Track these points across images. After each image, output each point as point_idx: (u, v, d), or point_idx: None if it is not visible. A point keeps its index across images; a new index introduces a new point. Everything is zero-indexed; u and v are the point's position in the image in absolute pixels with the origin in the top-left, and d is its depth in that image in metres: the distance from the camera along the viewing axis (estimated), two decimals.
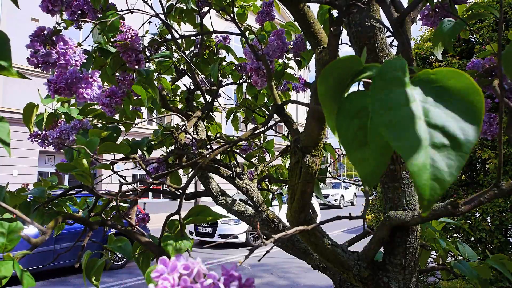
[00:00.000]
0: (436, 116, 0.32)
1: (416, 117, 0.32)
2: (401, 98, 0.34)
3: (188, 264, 0.42)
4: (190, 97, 1.91)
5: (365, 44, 0.93)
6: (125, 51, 1.32)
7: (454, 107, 0.33)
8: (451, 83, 0.34)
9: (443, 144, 0.31)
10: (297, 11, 0.84)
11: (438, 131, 0.32)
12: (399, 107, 0.33)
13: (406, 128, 0.32)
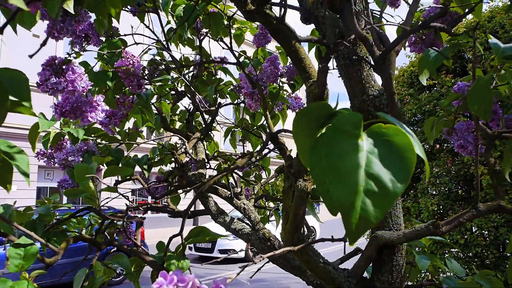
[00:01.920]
0: (375, 166, 0.40)
1: (359, 166, 0.39)
2: (349, 149, 0.41)
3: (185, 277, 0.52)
4: (189, 118, 1.98)
5: (352, 76, 1.01)
6: (127, 77, 1.40)
7: (392, 160, 0.40)
8: (396, 139, 0.42)
9: (374, 191, 0.38)
10: (289, 48, 0.92)
11: (373, 180, 0.39)
12: (345, 156, 0.40)
13: (347, 175, 0.39)
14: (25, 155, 0.72)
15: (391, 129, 0.45)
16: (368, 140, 0.44)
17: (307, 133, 0.53)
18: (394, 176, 0.41)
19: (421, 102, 5.04)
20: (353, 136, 0.44)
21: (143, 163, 2.00)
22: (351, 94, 1.03)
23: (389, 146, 0.43)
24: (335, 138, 0.45)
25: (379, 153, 0.42)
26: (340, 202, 0.41)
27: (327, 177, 0.43)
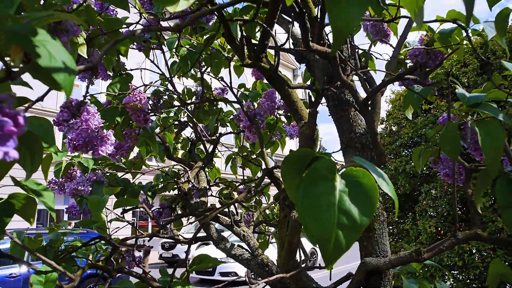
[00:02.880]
0: (346, 203, 0.50)
1: (333, 204, 0.49)
2: (325, 190, 0.51)
3: None
4: (192, 148, 2.08)
5: (341, 116, 1.11)
6: (134, 112, 1.51)
7: (360, 198, 0.50)
8: (364, 180, 0.52)
9: (345, 224, 0.48)
10: (283, 92, 1.02)
11: (345, 215, 0.49)
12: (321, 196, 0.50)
13: (323, 212, 0.49)
14: (50, 192, 0.81)
15: (360, 171, 0.55)
16: (342, 181, 0.54)
17: (292, 175, 0.64)
18: (361, 211, 0.51)
19: (417, 126, 5.16)
20: (328, 179, 0.54)
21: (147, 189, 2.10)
22: (340, 132, 1.13)
23: (358, 186, 0.53)
24: (314, 180, 0.55)
25: (350, 192, 0.53)
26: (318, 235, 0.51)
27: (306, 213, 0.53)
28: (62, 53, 0.38)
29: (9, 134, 0.34)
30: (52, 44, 0.38)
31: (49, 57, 0.37)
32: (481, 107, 0.83)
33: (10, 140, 0.34)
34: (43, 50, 0.37)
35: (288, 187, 0.64)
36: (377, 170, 0.59)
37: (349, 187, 0.53)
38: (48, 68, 0.37)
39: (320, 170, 0.55)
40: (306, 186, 0.55)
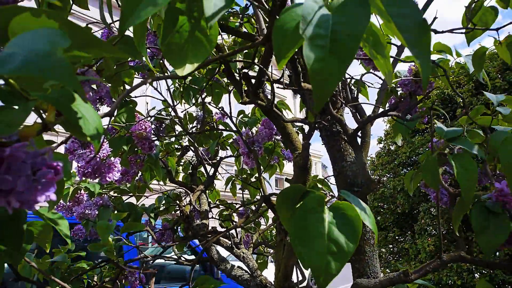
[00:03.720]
0: (335, 232, 0.57)
1: (322, 234, 0.57)
2: (315, 221, 0.59)
3: None
4: (193, 172, 2.16)
5: (333, 146, 1.20)
6: (140, 140, 1.59)
7: (346, 228, 0.58)
8: (348, 212, 0.60)
9: (334, 251, 0.55)
10: (279, 125, 1.11)
11: (333, 243, 0.56)
12: (312, 226, 0.58)
13: (315, 240, 0.57)
14: (65, 221, 0.89)
15: (345, 205, 0.63)
16: (330, 213, 0.62)
17: (286, 207, 0.71)
18: (347, 239, 0.59)
19: (415, 145, 5.26)
20: (318, 211, 0.62)
21: (150, 211, 2.17)
22: (332, 160, 1.22)
23: (344, 218, 0.61)
24: (305, 213, 0.63)
25: (337, 223, 0.60)
26: (310, 262, 0.58)
27: (299, 242, 0.61)
28: (93, 115, 0.46)
29: (51, 182, 0.42)
30: (84, 107, 0.46)
31: (83, 119, 0.45)
32: (457, 142, 0.91)
33: (52, 187, 0.42)
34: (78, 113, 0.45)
35: (282, 218, 0.72)
36: (361, 204, 0.67)
37: (336, 219, 0.61)
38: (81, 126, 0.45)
39: (311, 203, 0.63)
40: (298, 218, 0.63)
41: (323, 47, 0.43)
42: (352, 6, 0.45)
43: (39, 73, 0.29)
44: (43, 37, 0.33)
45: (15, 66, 0.30)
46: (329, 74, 0.42)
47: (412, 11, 0.46)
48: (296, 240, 0.61)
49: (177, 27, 0.56)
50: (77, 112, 0.45)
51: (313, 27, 0.44)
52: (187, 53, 0.56)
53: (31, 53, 0.31)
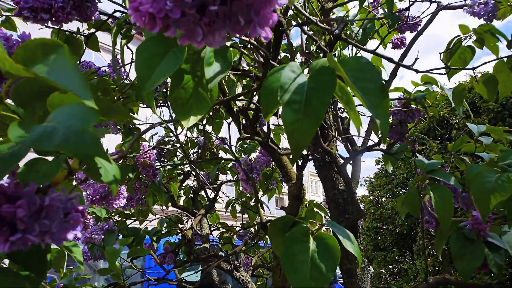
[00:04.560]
0: (317, 260, 0.66)
1: (306, 261, 0.66)
2: (301, 250, 0.68)
3: None
4: (195, 197, 2.25)
5: (325, 175, 1.29)
6: (144, 168, 1.68)
7: (327, 256, 0.67)
8: (330, 242, 0.68)
9: (317, 277, 0.64)
10: (274, 157, 1.20)
11: (316, 269, 0.65)
12: (298, 254, 0.67)
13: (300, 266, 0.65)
14: (79, 248, 0.98)
15: (327, 235, 0.72)
16: (314, 242, 0.71)
17: (278, 235, 0.80)
18: (327, 266, 0.68)
19: (411, 166, 5.34)
20: (304, 241, 0.71)
21: (152, 234, 2.25)
22: (325, 188, 1.30)
23: (326, 246, 0.70)
24: (293, 242, 0.72)
25: (319, 251, 0.69)
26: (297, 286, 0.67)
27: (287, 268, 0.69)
28: (111, 165, 0.56)
29: (78, 223, 0.51)
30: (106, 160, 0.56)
31: (103, 169, 0.54)
32: (435, 174, 1.00)
33: (78, 226, 0.51)
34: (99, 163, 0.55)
35: (275, 245, 0.80)
36: (344, 232, 0.76)
37: (318, 248, 0.70)
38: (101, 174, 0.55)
39: (298, 234, 0.72)
40: (287, 246, 0.72)
41: (298, 111, 0.53)
42: (323, 75, 0.55)
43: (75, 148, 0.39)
44: (77, 114, 0.42)
45: (58, 142, 0.39)
46: (303, 132, 0.52)
47: (374, 77, 0.56)
48: (286, 266, 0.70)
49: (182, 84, 0.66)
50: (97, 163, 0.54)
51: (290, 94, 0.54)
52: (191, 107, 0.65)
53: (69, 130, 0.40)
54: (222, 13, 0.40)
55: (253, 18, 0.41)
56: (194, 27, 0.40)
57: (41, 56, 0.41)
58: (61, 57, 0.41)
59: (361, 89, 0.55)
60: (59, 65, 0.40)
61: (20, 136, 0.41)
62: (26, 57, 0.40)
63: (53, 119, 0.43)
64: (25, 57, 0.40)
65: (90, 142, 0.40)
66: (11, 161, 0.43)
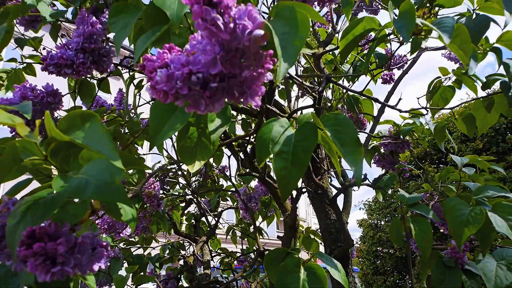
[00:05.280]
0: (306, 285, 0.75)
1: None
2: (293, 279, 0.77)
3: None
4: (196, 224, 2.33)
5: (318, 205, 1.39)
6: (149, 198, 1.78)
7: (315, 284, 0.76)
8: (318, 272, 0.78)
9: None
10: (271, 190, 1.30)
11: None
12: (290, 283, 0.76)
13: None
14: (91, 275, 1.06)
15: (316, 265, 0.82)
16: (304, 272, 0.81)
17: (273, 266, 0.90)
18: None
19: (409, 189, 5.42)
20: (295, 271, 0.81)
21: (155, 261, 2.32)
22: (318, 218, 1.40)
23: (315, 276, 0.80)
24: (285, 272, 0.81)
25: (309, 280, 0.79)
26: None
27: None
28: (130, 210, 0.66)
29: (103, 256, 0.61)
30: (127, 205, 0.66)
31: (123, 209, 0.65)
32: (416, 208, 1.10)
33: (103, 259, 0.61)
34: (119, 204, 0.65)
35: (270, 274, 0.90)
36: (332, 263, 0.86)
37: (308, 277, 0.80)
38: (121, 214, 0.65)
39: (290, 265, 0.82)
40: (281, 276, 0.81)
41: (286, 160, 0.63)
42: (306, 129, 0.65)
43: (106, 197, 0.49)
44: (106, 169, 0.53)
45: (92, 192, 0.50)
46: (290, 178, 0.62)
47: (350, 130, 0.66)
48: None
49: (188, 134, 0.77)
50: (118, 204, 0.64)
51: (280, 145, 0.64)
52: (196, 154, 0.76)
53: (100, 182, 0.51)
54: (221, 88, 0.51)
55: (246, 91, 0.52)
56: (198, 99, 0.51)
57: (79, 124, 0.52)
58: (95, 125, 0.52)
59: (339, 141, 0.65)
60: (93, 132, 0.51)
61: (61, 186, 0.51)
62: (67, 126, 0.51)
63: (86, 172, 0.53)
64: (66, 125, 0.51)
65: (118, 192, 0.50)
66: (52, 205, 0.53)
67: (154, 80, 0.50)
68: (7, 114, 0.47)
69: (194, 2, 0.45)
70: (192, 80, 0.48)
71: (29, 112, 0.64)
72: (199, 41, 0.51)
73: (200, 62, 0.48)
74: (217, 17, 0.44)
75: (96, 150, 0.49)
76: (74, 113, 0.51)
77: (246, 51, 0.48)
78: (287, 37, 0.49)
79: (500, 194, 1.05)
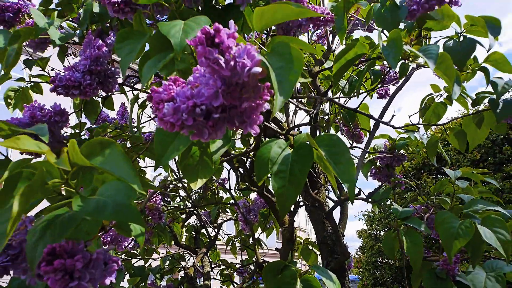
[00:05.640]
0: None
1: None
2: None
3: None
4: (196, 236, 2.37)
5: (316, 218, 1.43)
6: (151, 211, 1.82)
7: None
8: (314, 284, 0.83)
9: None
10: (269, 203, 1.35)
11: None
12: None
13: None
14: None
15: (312, 278, 0.86)
16: (300, 284, 0.85)
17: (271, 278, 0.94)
18: None
19: (407, 201, 5.46)
20: (292, 284, 0.85)
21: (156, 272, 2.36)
22: (316, 231, 1.44)
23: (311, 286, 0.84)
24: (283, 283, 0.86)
25: None
26: None
27: None
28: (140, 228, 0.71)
29: (114, 270, 0.65)
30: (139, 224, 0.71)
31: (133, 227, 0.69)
32: (408, 221, 1.14)
33: (114, 273, 0.65)
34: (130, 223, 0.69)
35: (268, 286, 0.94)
36: (327, 275, 0.90)
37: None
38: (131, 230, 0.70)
39: (287, 277, 0.86)
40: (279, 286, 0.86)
41: (284, 178, 0.68)
42: (303, 150, 0.70)
43: (123, 218, 0.54)
44: (121, 190, 0.58)
45: (109, 213, 0.54)
46: (288, 196, 0.67)
47: (343, 150, 0.71)
48: None
49: (191, 153, 0.82)
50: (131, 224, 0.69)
51: (278, 165, 0.69)
52: (198, 172, 0.81)
53: (117, 204, 0.55)
54: (223, 118, 0.56)
55: (246, 121, 0.57)
56: (202, 128, 0.56)
57: (99, 150, 0.57)
58: (114, 151, 0.57)
59: (333, 160, 0.70)
60: (113, 158, 0.56)
61: (80, 206, 0.56)
62: (88, 152, 0.56)
63: (103, 194, 0.58)
64: (87, 152, 0.56)
65: (133, 214, 0.55)
66: (70, 224, 0.58)
67: (161, 112, 0.55)
68: (34, 141, 0.52)
69: (198, 43, 0.50)
70: (197, 112, 0.53)
71: (46, 134, 0.69)
72: (202, 74, 0.56)
73: (203, 95, 0.53)
74: (219, 57, 0.49)
75: (118, 175, 0.54)
76: (94, 140, 0.56)
77: (245, 85, 0.53)
78: (282, 72, 0.54)
79: (489, 207, 1.10)
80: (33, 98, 1.38)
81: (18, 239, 0.64)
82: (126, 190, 0.57)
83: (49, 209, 0.67)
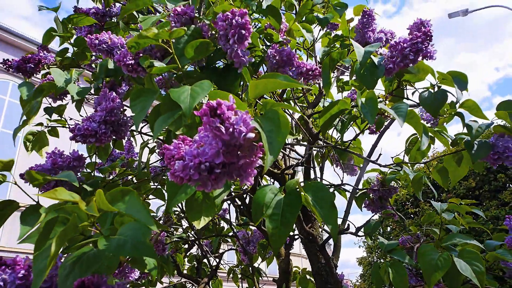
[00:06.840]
0: None
1: None
2: None
3: None
4: (199, 266, 2.46)
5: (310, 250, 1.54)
6: (155, 243, 1.92)
7: None
8: None
9: None
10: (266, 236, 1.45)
11: None
12: None
13: None
14: None
15: None
16: None
17: None
18: None
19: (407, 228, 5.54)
20: None
21: None
22: (310, 262, 1.54)
23: None
24: None
25: None
26: None
27: None
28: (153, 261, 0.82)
29: None
30: None
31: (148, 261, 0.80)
32: (393, 253, 1.25)
33: None
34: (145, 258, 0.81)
35: None
36: None
37: None
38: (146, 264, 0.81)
39: None
40: None
41: (277, 221, 0.79)
42: (293, 195, 0.82)
43: (140, 254, 0.65)
44: (139, 230, 0.69)
45: (129, 250, 0.66)
46: (280, 235, 0.78)
47: (327, 195, 0.83)
48: None
49: (195, 197, 0.94)
50: None
51: (271, 209, 0.81)
52: (201, 212, 0.92)
53: (135, 241, 0.67)
54: (223, 172, 0.68)
55: (242, 174, 0.69)
56: (206, 181, 0.68)
57: (120, 197, 0.68)
58: (133, 198, 0.69)
59: (318, 204, 0.82)
60: (132, 204, 0.68)
61: (104, 245, 0.67)
62: (111, 199, 0.68)
63: (122, 233, 0.70)
64: (110, 199, 0.68)
65: (149, 250, 0.66)
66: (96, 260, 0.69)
67: (172, 168, 0.67)
68: (67, 192, 0.64)
69: (203, 114, 0.62)
70: (202, 168, 0.65)
71: (76, 181, 0.81)
72: (206, 135, 0.69)
73: (207, 153, 0.65)
74: (220, 126, 0.62)
75: (137, 217, 0.66)
76: (116, 190, 0.68)
77: (242, 146, 0.65)
78: (272, 134, 0.66)
79: (466, 241, 1.21)
80: (49, 141, 1.50)
81: (49, 274, 0.75)
82: (142, 230, 0.69)
83: (75, 247, 0.78)
